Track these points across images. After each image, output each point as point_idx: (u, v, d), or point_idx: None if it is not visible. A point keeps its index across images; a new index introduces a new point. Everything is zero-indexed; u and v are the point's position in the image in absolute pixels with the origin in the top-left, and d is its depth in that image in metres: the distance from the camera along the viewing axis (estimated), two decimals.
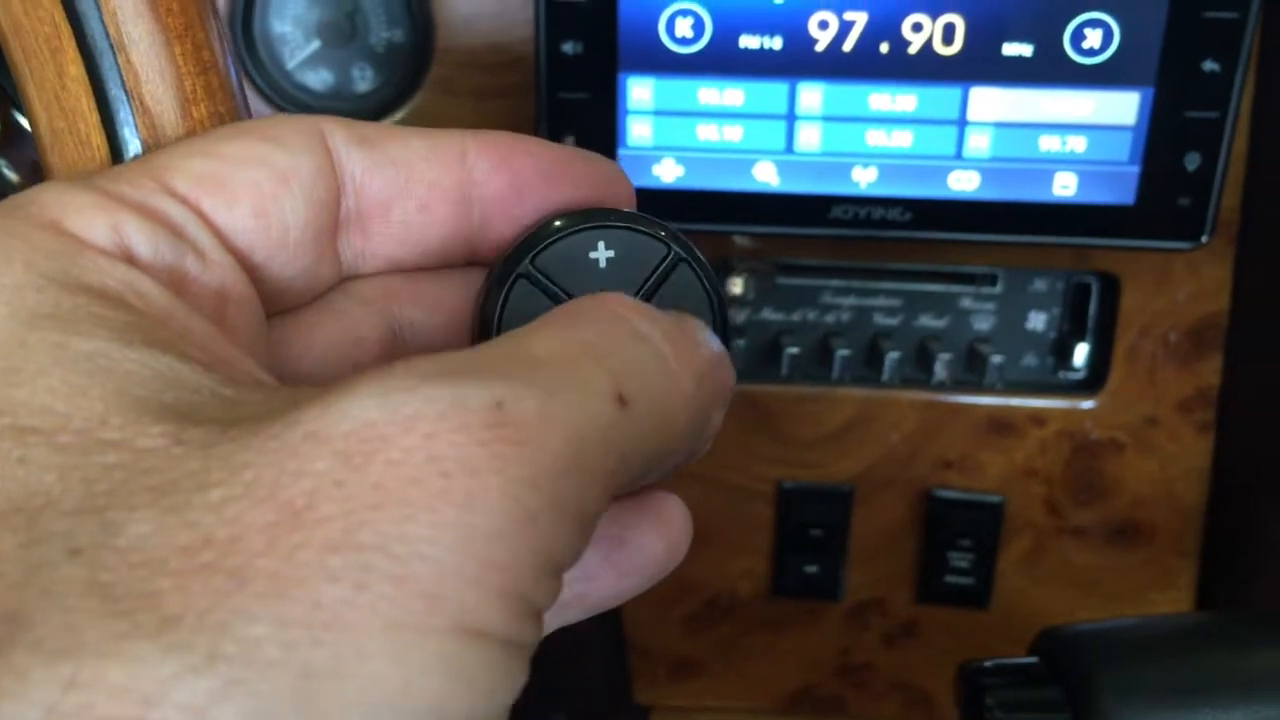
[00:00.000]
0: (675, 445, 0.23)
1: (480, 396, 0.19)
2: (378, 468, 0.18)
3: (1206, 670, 0.44)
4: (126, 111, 0.29)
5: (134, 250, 0.23)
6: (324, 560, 0.17)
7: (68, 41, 0.28)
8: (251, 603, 0.17)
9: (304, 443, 0.18)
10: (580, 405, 0.20)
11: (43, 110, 0.29)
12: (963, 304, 0.62)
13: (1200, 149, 0.50)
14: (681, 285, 0.28)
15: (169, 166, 0.25)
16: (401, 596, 0.17)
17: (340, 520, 0.17)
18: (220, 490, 0.18)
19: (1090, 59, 0.49)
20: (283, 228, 0.26)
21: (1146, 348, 0.61)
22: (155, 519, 0.18)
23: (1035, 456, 0.63)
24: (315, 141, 0.26)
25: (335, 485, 0.18)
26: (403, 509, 0.18)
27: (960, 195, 0.52)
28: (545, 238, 0.28)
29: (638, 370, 0.22)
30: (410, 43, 0.56)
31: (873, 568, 0.67)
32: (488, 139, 0.28)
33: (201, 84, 0.30)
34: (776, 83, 0.51)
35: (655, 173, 0.52)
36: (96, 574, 0.17)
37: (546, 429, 0.19)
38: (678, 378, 0.23)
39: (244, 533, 0.17)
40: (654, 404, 0.22)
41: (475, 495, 0.18)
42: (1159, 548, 0.65)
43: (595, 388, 0.21)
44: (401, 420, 0.19)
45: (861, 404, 0.63)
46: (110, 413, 0.19)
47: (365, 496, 0.18)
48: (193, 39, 0.30)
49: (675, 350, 0.23)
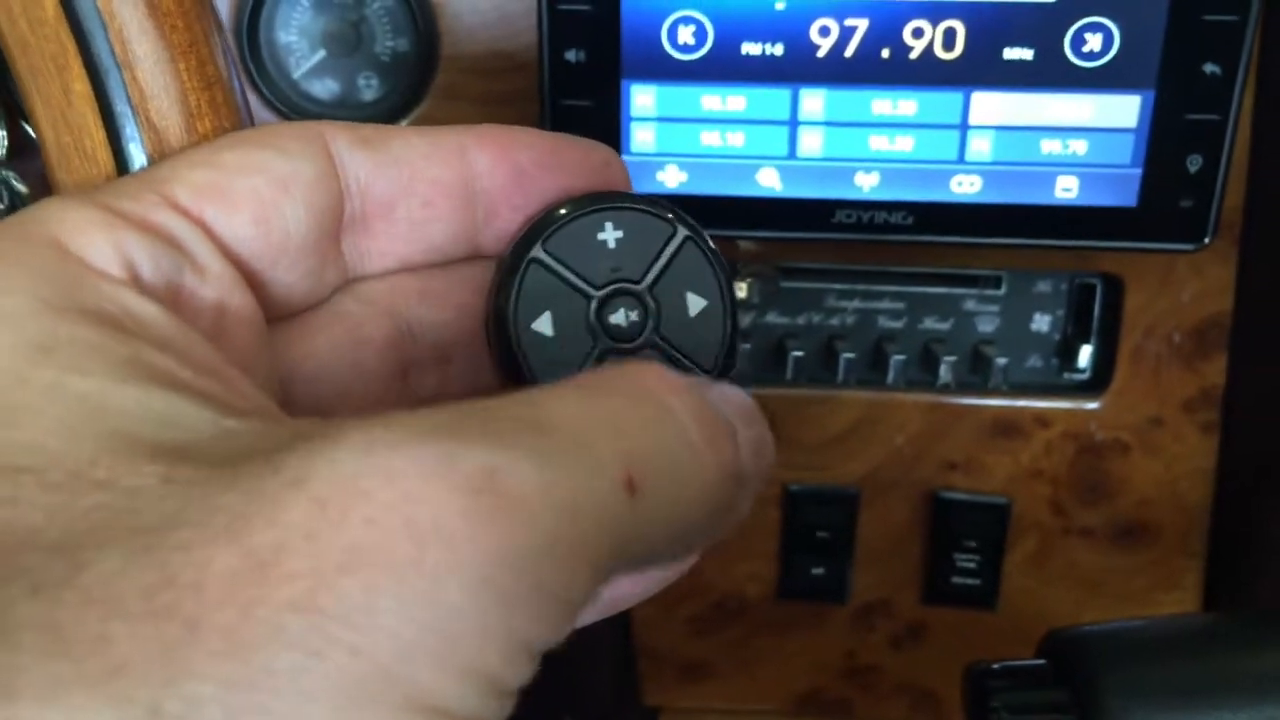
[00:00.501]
0: (689, 534, 0.22)
1: (472, 459, 0.18)
2: (352, 526, 0.17)
3: (1213, 671, 0.44)
4: (132, 127, 0.29)
5: (136, 268, 0.23)
6: (282, 620, 0.16)
7: (73, 59, 0.29)
8: (202, 659, 0.16)
9: (282, 489, 0.18)
10: (581, 485, 0.19)
11: (49, 127, 0.30)
12: (967, 306, 0.62)
13: (1202, 151, 0.50)
14: (689, 262, 0.29)
15: (170, 178, 0.25)
16: (356, 669, 0.17)
17: (305, 579, 0.17)
18: (191, 531, 0.17)
19: (1091, 62, 0.50)
20: (284, 234, 0.26)
21: (1151, 348, 0.61)
22: (124, 557, 0.17)
23: (1040, 458, 0.63)
24: (316, 146, 0.26)
25: (306, 539, 0.17)
26: (370, 575, 0.17)
27: (962, 199, 0.52)
28: (553, 223, 0.28)
29: (657, 455, 0.21)
30: (415, 51, 0.57)
31: (879, 570, 0.67)
32: (486, 133, 0.28)
33: (206, 99, 0.30)
34: (778, 89, 0.51)
35: (659, 179, 0.53)
36: (53, 612, 0.16)
37: (537, 505, 0.18)
38: (702, 466, 0.22)
39: (206, 579, 0.17)
40: (668, 491, 0.21)
41: (446, 568, 0.17)
42: (1165, 548, 0.65)
43: (603, 467, 0.20)
44: (383, 475, 0.18)
45: (867, 407, 0.63)
46: (101, 453, 0.19)
47: (334, 556, 0.17)
48: (197, 55, 0.30)
49: (707, 437, 0.22)
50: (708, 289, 0.29)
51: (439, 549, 0.17)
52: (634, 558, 0.21)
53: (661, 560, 0.23)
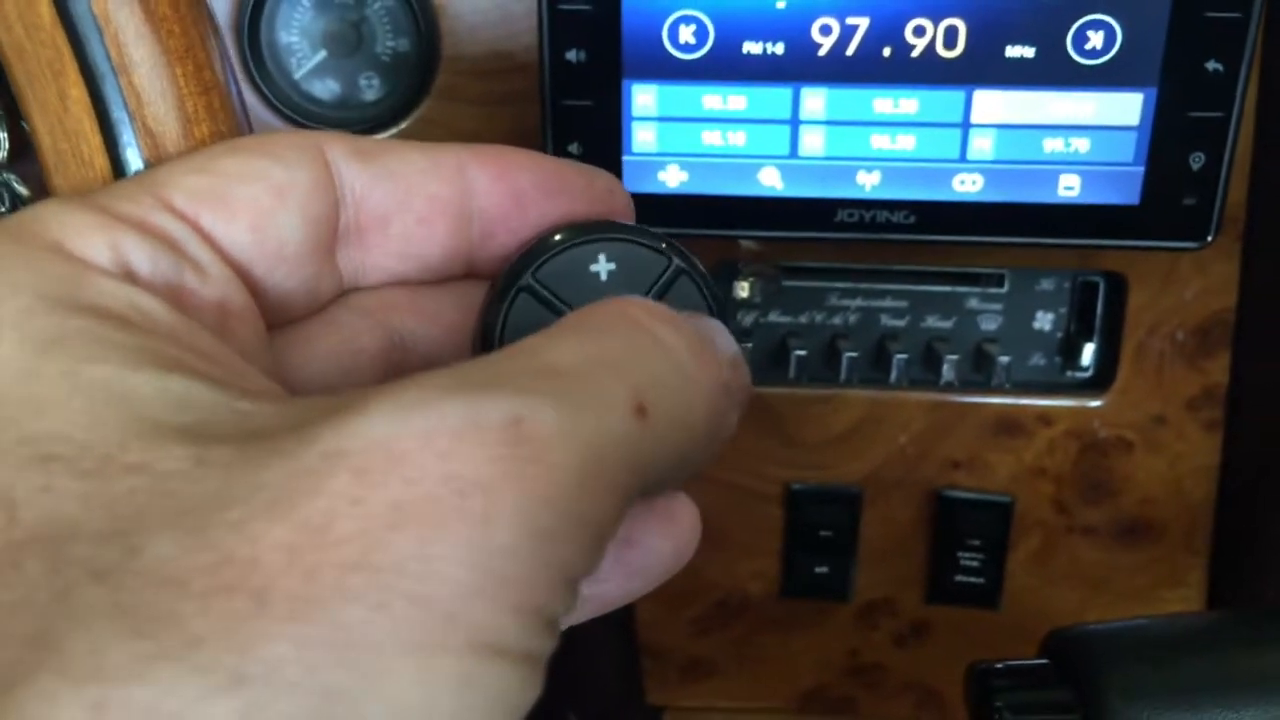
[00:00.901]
0: (694, 453, 0.23)
1: (497, 412, 0.19)
2: (394, 486, 0.18)
3: (1217, 670, 0.44)
4: (129, 133, 0.29)
5: (134, 268, 0.23)
6: (343, 580, 0.17)
7: (69, 64, 0.29)
8: (273, 624, 0.17)
9: (321, 461, 0.18)
10: (599, 419, 0.20)
11: (46, 133, 0.30)
12: (969, 305, 0.62)
13: (1205, 148, 0.50)
14: (682, 297, 0.28)
15: (167, 182, 0.25)
16: (420, 616, 0.17)
17: (358, 540, 0.18)
18: (239, 510, 0.18)
19: (1093, 60, 0.49)
20: (280, 242, 0.26)
21: (1154, 346, 0.61)
22: (177, 540, 0.18)
23: (1044, 456, 0.63)
24: (313, 156, 0.26)
25: (352, 503, 0.18)
26: (420, 528, 0.18)
27: (964, 197, 0.52)
28: (546, 251, 0.28)
29: (658, 380, 0.22)
30: (416, 51, 0.56)
31: (882, 568, 0.67)
32: (487, 153, 0.28)
33: (203, 104, 0.30)
34: (779, 88, 0.51)
35: (660, 179, 0.52)
36: (120, 596, 0.17)
37: (563, 444, 0.19)
38: (698, 385, 0.23)
39: (264, 552, 0.17)
40: (673, 414, 0.22)
41: (491, 513, 0.18)
42: (1168, 546, 0.65)
43: (614, 400, 0.21)
44: (417, 436, 0.19)
45: (869, 405, 0.63)
46: (129, 438, 0.19)
47: (383, 516, 0.18)
48: (194, 60, 0.30)
49: (696, 358, 0.23)
50: None
51: (481, 497, 0.18)
52: (650, 479, 0.22)
53: (676, 477, 0.24)
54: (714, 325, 0.26)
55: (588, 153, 0.52)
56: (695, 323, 0.25)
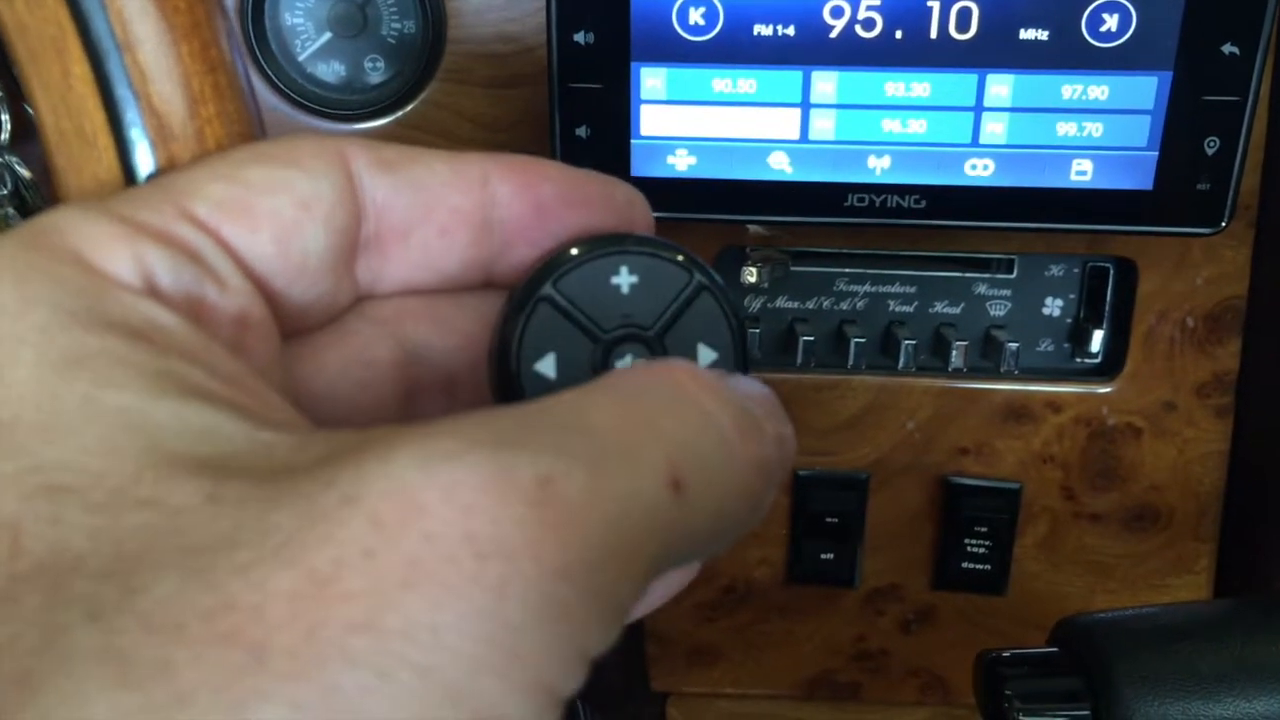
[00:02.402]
0: (727, 530, 0.22)
1: (529, 469, 0.18)
2: (412, 540, 0.17)
3: (1227, 659, 0.44)
4: (134, 111, 0.29)
5: (157, 281, 0.23)
6: (346, 641, 0.16)
7: (73, 41, 0.28)
8: (269, 683, 0.16)
9: (338, 505, 0.18)
10: (630, 487, 0.19)
11: (49, 111, 0.29)
12: (978, 290, 0.62)
13: (1220, 133, 0.50)
14: (703, 312, 0.28)
15: (188, 191, 0.24)
16: (424, 689, 0.16)
17: (367, 598, 0.17)
18: (248, 552, 0.17)
19: (1108, 43, 0.49)
20: (302, 254, 0.25)
21: (1164, 332, 0.60)
22: (179, 581, 0.17)
23: (1052, 442, 0.63)
24: (337, 166, 0.25)
25: (365, 556, 0.17)
26: (433, 592, 0.17)
27: (976, 182, 0.51)
28: (567, 262, 0.27)
29: (697, 453, 0.21)
30: (422, 33, 0.56)
31: (889, 555, 0.66)
32: (509, 163, 0.27)
33: (209, 83, 0.30)
34: (790, 71, 0.50)
35: (669, 162, 0.52)
36: (113, 640, 0.16)
37: (591, 511, 0.18)
38: (739, 465, 0.22)
39: (267, 601, 0.17)
40: (710, 491, 0.21)
41: (509, 583, 0.17)
42: (1176, 532, 0.64)
43: (650, 469, 0.20)
44: (441, 488, 0.18)
45: (877, 391, 0.62)
46: (143, 470, 0.19)
47: (395, 573, 0.17)
48: (200, 37, 0.29)
49: (740, 434, 0.22)
50: (719, 341, 0.28)
51: (500, 563, 0.17)
52: (680, 554, 0.21)
53: (702, 555, 0.23)
54: (763, 395, 0.25)
55: (596, 136, 0.51)
56: (746, 397, 0.24)
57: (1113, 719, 0.43)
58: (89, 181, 0.30)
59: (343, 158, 0.26)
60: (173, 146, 0.30)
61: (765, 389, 0.25)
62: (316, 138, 0.26)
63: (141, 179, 0.29)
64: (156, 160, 0.29)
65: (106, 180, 0.30)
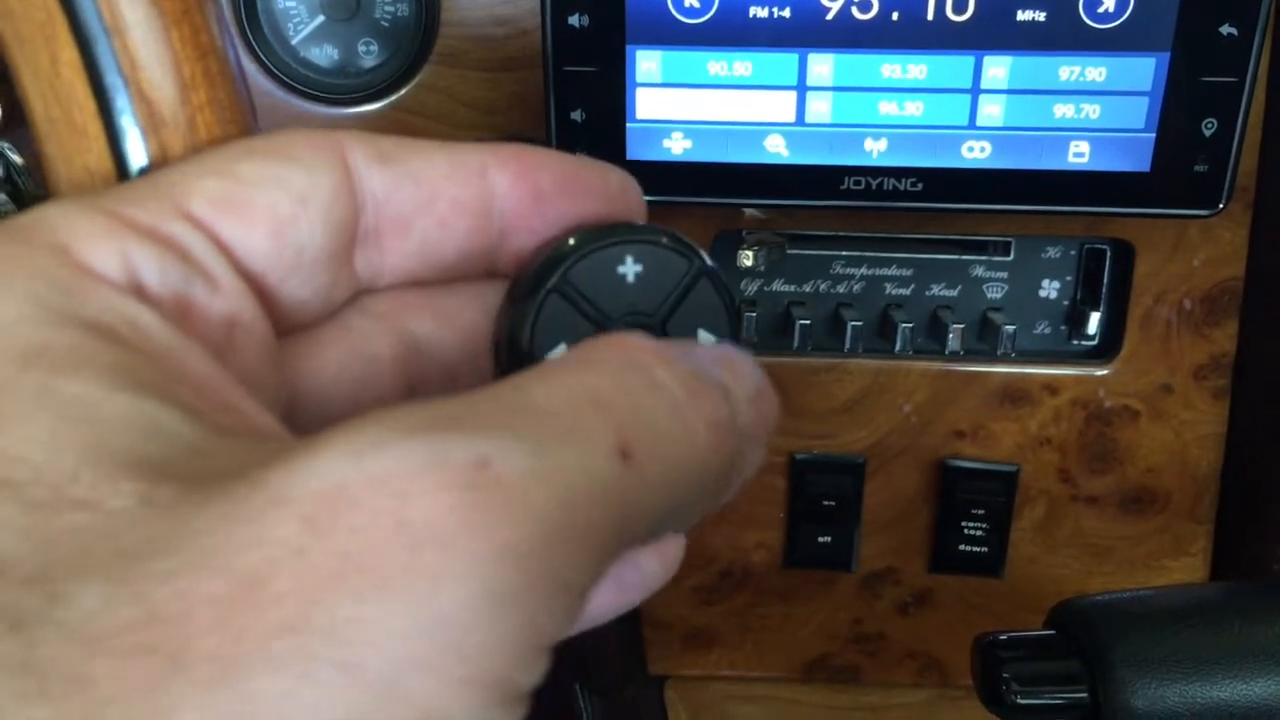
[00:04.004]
0: (690, 500, 0.22)
1: (464, 451, 0.18)
2: (342, 535, 0.16)
3: (1225, 641, 0.44)
4: (124, 98, 0.28)
5: (142, 278, 0.22)
6: (270, 644, 0.16)
7: (61, 27, 0.28)
8: (187, 692, 0.15)
9: (268, 507, 0.17)
10: (576, 461, 0.19)
11: (37, 98, 0.29)
12: (975, 273, 0.62)
13: (1217, 114, 0.50)
14: (702, 298, 0.28)
15: (183, 186, 0.24)
16: (348, 687, 0.16)
17: (295, 597, 0.16)
18: (174, 559, 0.17)
19: (1105, 24, 0.48)
20: (299, 249, 0.25)
21: (1161, 314, 0.60)
22: (104, 590, 0.16)
23: (1049, 425, 0.63)
24: (334, 160, 0.25)
25: (295, 555, 0.16)
26: (359, 584, 0.16)
27: (973, 164, 0.51)
28: (575, 252, 0.27)
29: (647, 419, 0.20)
30: (415, 16, 0.55)
31: (886, 538, 0.66)
32: (507, 152, 0.27)
33: (200, 69, 0.29)
34: (786, 53, 0.50)
35: (664, 146, 0.52)
36: (33, 651, 0.16)
37: (534, 489, 0.18)
38: (692, 430, 0.21)
39: (191, 608, 0.16)
40: (664, 456, 0.20)
41: (443, 571, 0.16)
42: (1173, 515, 0.64)
43: (594, 441, 0.19)
44: (373, 478, 0.17)
45: (874, 375, 0.62)
46: (83, 466, 0.18)
47: (325, 568, 0.16)
48: (190, 23, 0.29)
49: (691, 395, 0.22)
50: (719, 327, 0.28)
51: (433, 550, 0.17)
52: (638, 530, 0.20)
53: (667, 528, 0.22)
54: (737, 358, 0.24)
55: (591, 119, 0.51)
56: (706, 359, 0.23)
57: (1110, 701, 0.43)
58: (79, 170, 0.29)
59: (340, 151, 0.25)
60: (164, 134, 0.29)
61: (735, 349, 0.25)
62: (313, 131, 0.26)
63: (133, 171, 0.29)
64: (148, 147, 0.29)
65: (97, 169, 0.29)
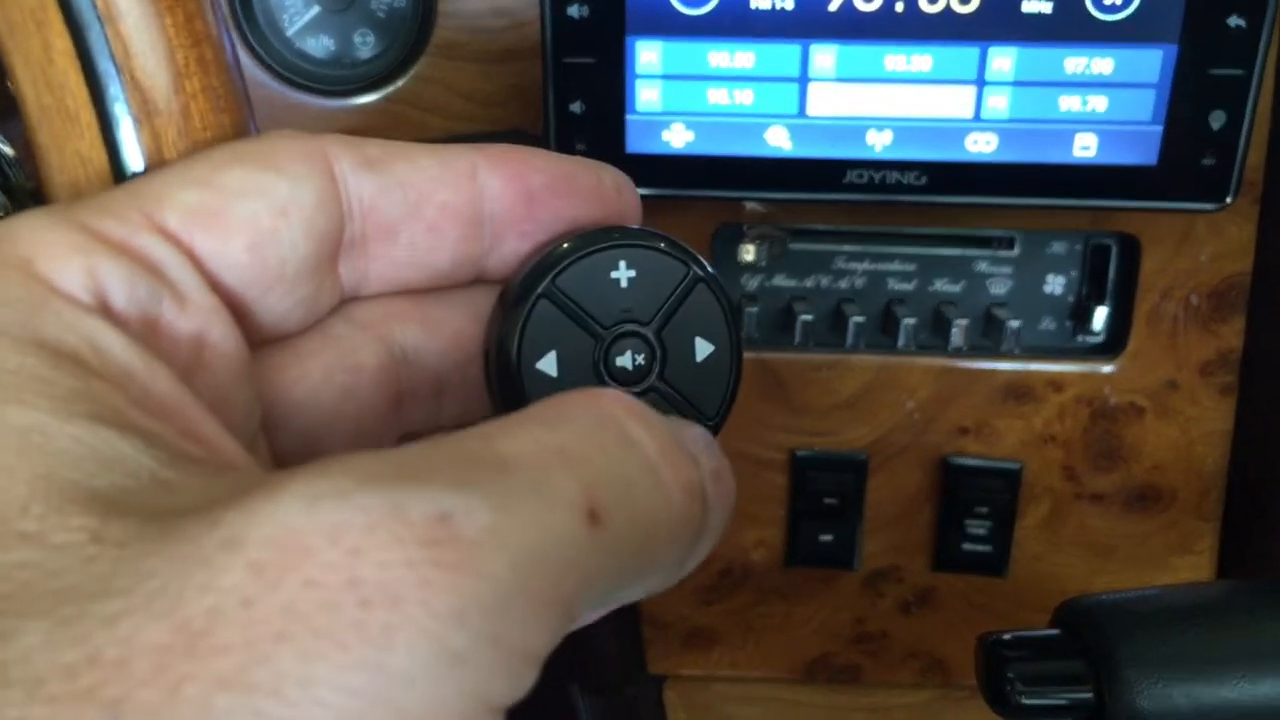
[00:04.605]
0: (656, 566, 0.21)
1: (423, 506, 0.17)
2: (291, 587, 0.16)
3: (1232, 641, 0.44)
4: (116, 86, 0.28)
5: (108, 295, 0.22)
6: (211, 699, 0.15)
7: (53, 14, 0.27)
8: None
9: (218, 550, 0.16)
10: (540, 521, 0.18)
11: (29, 86, 0.28)
12: (979, 268, 0.61)
13: (1225, 107, 0.49)
14: (699, 305, 0.28)
15: (161, 197, 0.24)
16: None
17: (238, 652, 0.15)
18: (120, 601, 0.16)
19: (1112, 15, 0.48)
20: (280, 260, 0.24)
21: (1167, 310, 0.60)
22: (46, 631, 0.16)
23: (1053, 422, 0.62)
24: (318, 167, 0.25)
25: (242, 606, 0.16)
26: (309, 643, 0.15)
27: (978, 158, 0.51)
28: (566, 256, 0.26)
29: (618, 480, 0.20)
30: (412, 7, 0.55)
31: (888, 536, 0.66)
32: (496, 153, 0.27)
33: (194, 57, 0.29)
34: (788, 44, 0.49)
35: (665, 138, 0.51)
36: None
37: (493, 548, 0.17)
38: (667, 493, 0.21)
39: (133, 655, 0.15)
40: (634, 522, 0.20)
41: (394, 630, 0.16)
42: (1179, 512, 0.64)
43: (561, 500, 0.18)
44: (327, 529, 0.16)
45: (876, 371, 0.62)
46: (33, 499, 0.17)
47: (272, 623, 0.16)
48: (184, 10, 0.29)
49: (667, 459, 0.21)
50: (716, 334, 0.28)
51: (386, 610, 0.16)
52: (602, 594, 0.19)
53: (632, 595, 0.22)
54: (697, 431, 0.24)
55: (590, 112, 0.50)
56: (675, 424, 0.22)
57: (1116, 701, 0.43)
58: (71, 158, 0.29)
59: (325, 158, 0.25)
60: (157, 122, 0.29)
61: (697, 425, 0.24)
62: (298, 137, 0.25)
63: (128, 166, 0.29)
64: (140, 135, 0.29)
65: (89, 157, 0.29)
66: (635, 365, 0.27)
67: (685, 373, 0.28)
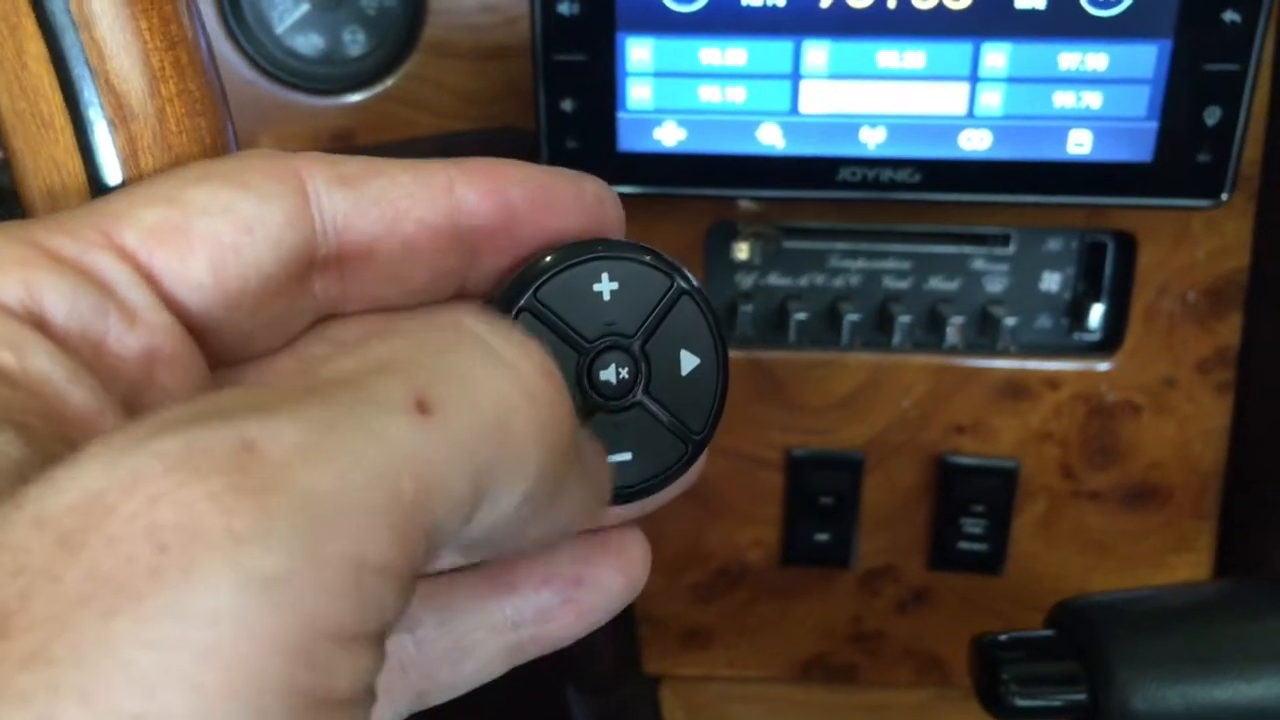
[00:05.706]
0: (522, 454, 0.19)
1: (224, 438, 0.16)
2: (94, 550, 0.15)
3: (1226, 641, 0.44)
4: (91, 90, 0.28)
5: (45, 310, 0.22)
6: (15, 679, 0.14)
7: (26, 17, 0.27)
8: None
9: (28, 529, 0.15)
10: (358, 425, 0.16)
11: (3, 91, 0.28)
12: (974, 265, 0.61)
13: (1220, 103, 0.49)
14: (684, 318, 0.27)
15: (120, 215, 0.24)
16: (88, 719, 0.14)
17: (45, 626, 0.14)
18: None
19: (1106, 10, 0.48)
20: (242, 279, 0.24)
21: (1164, 307, 0.59)
22: None
23: (1050, 420, 0.62)
24: (289, 185, 0.24)
25: (50, 580, 0.15)
26: (110, 602, 0.14)
27: (972, 155, 0.50)
28: (547, 269, 0.26)
29: (453, 370, 0.18)
30: (402, 4, 0.55)
31: (884, 535, 0.66)
32: (474, 167, 0.26)
33: (170, 60, 0.28)
34: (780, 41, 0.49)
35: (656, 136, 0.51)
36: None
37: (303, 465, 0.16)
38: (514, 371, 0.19)
39: None
40: (477, 406, 0.18)
41: (197, 569, 0.15)
42: (1176, 510, 0.64)
43: (385, 403, 0.17)
44: (124, 482, 0.15)
45: (872, 369, 0.61)
46: None
47: (76, 589, 0.15)
48: (159, 12, 0.28)
49: (512, 345, 0.19)
50: (701, 347, 0.27)
51: (183, 549, 0.15)
52: (459, 492, 0.18)
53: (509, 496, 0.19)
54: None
55: (581, 109, 0.50)
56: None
57: (1110, 703, 0.43)
58: (46, 163, 0.29)
59: (297, 176, 0.25)
60: (133, 126, 0.28)
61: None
62: (272, 156, 0.25)
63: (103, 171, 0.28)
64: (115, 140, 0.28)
65: (64, 162, 0.29)
66: (619, 379, 0.27)
67: (671, 387, 0.27)
